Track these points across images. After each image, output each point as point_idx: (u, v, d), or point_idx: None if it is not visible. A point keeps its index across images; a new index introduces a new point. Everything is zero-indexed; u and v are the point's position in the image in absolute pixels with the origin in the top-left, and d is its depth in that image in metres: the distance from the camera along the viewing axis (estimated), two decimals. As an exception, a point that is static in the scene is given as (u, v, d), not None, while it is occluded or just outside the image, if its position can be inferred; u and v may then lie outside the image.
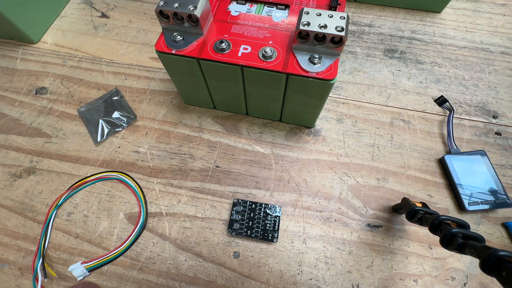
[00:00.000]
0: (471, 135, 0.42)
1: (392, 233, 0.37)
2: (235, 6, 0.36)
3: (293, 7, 0.36)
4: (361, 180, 0.40)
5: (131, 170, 0.41)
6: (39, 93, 0.47)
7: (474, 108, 0.44)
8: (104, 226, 0.37)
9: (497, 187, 0.37)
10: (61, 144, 0.43)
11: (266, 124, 0.44)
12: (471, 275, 0.34)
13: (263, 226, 0.36)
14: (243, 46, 0.33)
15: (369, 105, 0.45)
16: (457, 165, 0.39)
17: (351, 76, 0.47)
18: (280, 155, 0.42)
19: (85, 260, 0.35)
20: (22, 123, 0.44)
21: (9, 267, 0.35)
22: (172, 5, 0.31)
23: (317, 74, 0.31)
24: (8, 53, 0.51)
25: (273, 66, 0.32)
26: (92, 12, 0.55)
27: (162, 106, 0.45)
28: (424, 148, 0.42)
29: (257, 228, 0.36)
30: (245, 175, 0.40)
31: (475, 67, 0.48)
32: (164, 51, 0.33)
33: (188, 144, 0.43)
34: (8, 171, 0.41)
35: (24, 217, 0.38)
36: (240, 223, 0.36)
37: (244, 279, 0.34)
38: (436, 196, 0.39)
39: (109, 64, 0.49)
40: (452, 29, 0.51)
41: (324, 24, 0.29)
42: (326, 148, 0.42)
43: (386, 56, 0.49)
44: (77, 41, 0.52)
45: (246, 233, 0.36)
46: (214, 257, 0.35)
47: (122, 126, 0.44)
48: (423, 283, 0.34)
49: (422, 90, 0.46)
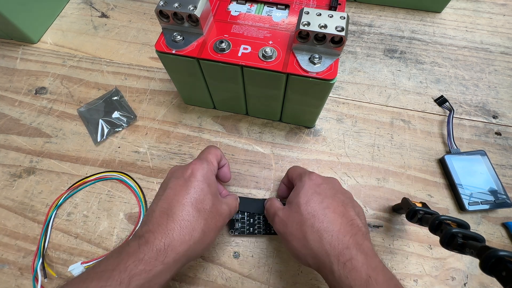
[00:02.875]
0: (471, 135, 0.42)
1: (392, 233, 0.37)
2: (235, 6, 0.36)
3: (293, 7, 0.36)
4: (361, 180, 0.40)
5: (131, 170, 0.41)
6: (39, 93, 0.47)
7: (474, 108, 0.44)
8: (104, 226, 0.37)
9: (497, 187, 0.37)
10: (61, 144, 0.43)
11: (266, 124, 0.44)
12: (471, 275, 0.34)
13: (264, 220, 0.36)
14: (243, 46, 0.33)
15: (369, 105, 0.45)
16: (457, 165, 0.39)
17: (351, 76, 0.47)
18: (280, 155, 0.42)
19: (85, 260, 0.35)
20: (22, 123, 0.44)
21: (9, 267, 0.35)
22: (172, 5, 0.31)
23: (317, 74, 0.31)
24: (8, 53, 0.51)
25: (273, 66, 0.32)
26: (92, 12, 0.55)
27: (162, 106, 0.45)
28: (424, 148, 0.42)
29: (259, 223, 0.36)
30: (245, 175, 0.40)
31: (475, 67, 0.48)
32: (164, 51, 0.33)
33: (188, 144, 0.42)
34: (8, 171, 0.41)
35: (24, 217, 0.38)
36: (241, 221, 0.36)
37: (244, 279, 0.34)
38: (436, 196, 0.39)
39: (109, 64, 0.49)
40: (452, 29, 0.51)
41: (324, 24, 0.29)
42: (326, 148, 0.42)
43: (386, 56, 0.49)
44: (77, 41, 0.52)
45: (249, 231, 0.36)
46: (214, 257, 0.35)
47: (122, 126, 0.44)
48: (423, 283, 0.34)
49: (422, 90, 0.46)
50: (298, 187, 0.30)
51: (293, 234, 0.28)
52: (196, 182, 0.28)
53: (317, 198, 0.28)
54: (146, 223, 0.26)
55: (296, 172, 0.33)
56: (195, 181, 0.28)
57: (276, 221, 0.30)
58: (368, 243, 0.26)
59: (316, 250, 0.26)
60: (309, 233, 0.26)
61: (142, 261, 0.23)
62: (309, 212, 0.27)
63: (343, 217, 0.27)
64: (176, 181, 0.28)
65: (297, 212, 0.28)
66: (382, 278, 0.24)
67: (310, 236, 0.26)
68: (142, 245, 0.24)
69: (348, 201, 0.29)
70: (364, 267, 0.24)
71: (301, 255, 0.27)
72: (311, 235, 0.26)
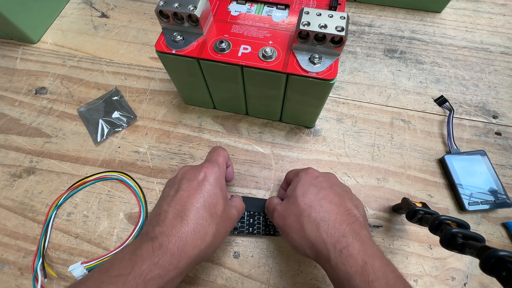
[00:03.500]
0: (471, 135, 0.42)
1: (392, 233, 0.37)
2: (235, 6, 0.36)
3: (293, 7, 0.36)
4: (361, 180, 0.40)
5: (131, 170, 0.41)
6: (39, 93, 0.47)
7: (474, 108, 0.44)
8: (104, 226, 0.37)
9: (497, 187, 0.37)
10: (61, 144, 0.43)
11: (266, 124, 0.44)
12: (471, 275, 0.34)
13: (264, 221, 0.36)
14: (243, 46, 0.33)
15: (369, 105, 0.45)
16: (457, 165, 0.39)
17: (351, 76, 0.47)
18: (280, 155, 0.42)
19: (85, 260, 0.35)
20: (22, 123, 0.44)
21: (9, 267, 0.35)
22: (172, 5, 0.31)
23: (317, 74, 0.31)
24: (8, 53, 0.51)
25: (273, 66, 0.32)
26: (92, 12, 0.55)
27: (162, 106, 0.45)
28: (424, 148, 0.42)
29: (259, 224, 0.36)
30: (245, 175, 0.40)
31: (475, 67, 0.48)
32: (164, 51, 0.33)
33: (188, 144, 0.42)
34: (8, 171, 0.41)
35: (24, 217, 0.38)
36: (240, 221, 0.36)
37: (244, 279, 0.34)
38: (436, 196, 0.39)
39: (109, 64, 0.49)
40: (452, 29, 0.51)
41: (324, 24, 0.29)
42: (326, 148, 0.42)
43: (386, 56, 0.49)
44: (77, 41, 0.52)
45: (248, 230, 0.36)
46: (214, 257, 0.35)
47: (122, 126, 0.43)
48: (423, 283, 0.34)
49: (422, 90, 0.46)
50: (295, 182, 0.31)
51: (291, 226, 0.28)
52: (209, 186, 0.28)
53: (313, 190, 0.29)
54: (158, 224, 0.26)
55: (292, 172, 0.34)
56: (209, 185, 0.28)
57: (275, 216, 0.30)
58: (366, 232, 0.26)
59: (313, 240, 0.26)
60: (306, 223, 0.27)
61: (157, 265, 0.23)
62: (306, 203, 0.28)
63: (340, 207, 0.27)
64: (189, 183, 0.28)
65: (294, 204, 0.28)
66: (379, 264, 0.24)
67: (307, 226, 0.27)
68: (156, 249, 0.24)
69: (344, 194, 0.30)
70: (361, 254, 0.24)
71: (299, 246, 0.27)
72: (308, 225, 0.27)
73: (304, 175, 0.30)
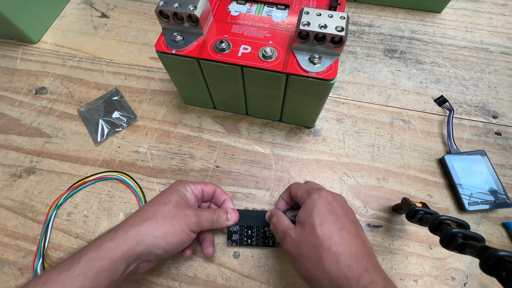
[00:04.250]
0: (471, 135, 0.42)
1: (392, 233, 0.37)
2: (235, 6, 0.36)
3: (293, 7, 0.36)
4: (361, 180, 0.40)
5: (131, 170, 0.41)
6: (39, 93, 0.47)
7: (474, 108, 0.44)
8: (104, 226, 0.37)
9: (497, 187, 0.37)
10: (61, 144, 0.43)
11: (266, 124, 0.44)
12: (471, 275, 0.34)
13: (263, 233, 0.35)
14: (243, 46, 0.33)
15: (369, 105, 0.45)
16: (457, 165, 0.39)
17: (351, 76, 0.47)
18: (280, 155, 0.42)
19: (85, 260, 0.35)
20: (22, 123, 0.44)
21: (9, 267, 0.35)
22: (172, 5, 0.31)
23: (317, 74, 0.31)
24: (8, 53, 0.51)
25: (273, 66, 0.32)
26: (92, 12, 0.55)
27: (162, 106, 0.45)
28: (424, 148, 0.42)
29: (257, 235, 0.35)
30: (245, 175, 0.40)
31: (475, 67, 0.48)
32: (164, 51, 0.33)
33: (188, 144, 0.42)
34: (8, 171, 0.41)
35: (24, 217, 0.38)
36: (239, 233, 0.35)
37: (244, 279, 0.34)
38: (436, 196, 0.39)
39: (109, 64, 0.49)
40: (452, 29, 0.51)
41: (324, 24, 0.29)
42: (326, 148, 0.42)
43: (386, 56, 0.49)
44: (77, 41, 0.52)
45: (246, 242, 0.35)
46: (214, 257, 0.35)
47: (122, 126, 0.44)
48: (423, 283, 0.34)
49: (422, 90, 0.46)
50: (308, 205, 0.29)
51: (307, 256, 0.26)
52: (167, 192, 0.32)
53: (331, 218, 0.27)
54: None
55: (301, 190, 0.31)
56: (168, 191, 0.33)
57: (288, 242, 0.28)
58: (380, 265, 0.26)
59: (333, 274, 0.25)
60: (325, 256, 0.25)
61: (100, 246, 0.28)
62: (325, 234, 0.26)
63: (358, 238, 0.27)
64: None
65: (312, 234, 0.27)
66: None
67: (327, 259, 0.25)
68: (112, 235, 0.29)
69: (356, 220, 0.29)
70: None
71: (315, 278, 0.26)
72: (328, 258, 0.25)
73: (318, 198, 0.29)
